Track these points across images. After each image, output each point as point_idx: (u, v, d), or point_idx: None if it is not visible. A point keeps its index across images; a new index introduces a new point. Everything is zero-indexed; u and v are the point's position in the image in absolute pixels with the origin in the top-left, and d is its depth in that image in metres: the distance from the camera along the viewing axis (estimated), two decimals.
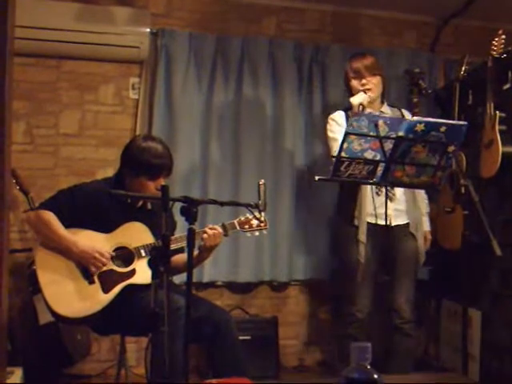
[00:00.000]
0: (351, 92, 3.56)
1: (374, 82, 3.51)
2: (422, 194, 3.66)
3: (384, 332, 3.52)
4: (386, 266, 3.51)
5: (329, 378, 4.25)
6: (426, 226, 3.68)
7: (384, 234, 3.39)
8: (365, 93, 3.46)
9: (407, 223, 3.54)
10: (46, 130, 4.21)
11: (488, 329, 3.65)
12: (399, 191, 3.52)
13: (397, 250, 3.52)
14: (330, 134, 3.55)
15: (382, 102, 3.63)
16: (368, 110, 3.44)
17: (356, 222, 3.46)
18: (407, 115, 3.60)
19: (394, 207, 3.48)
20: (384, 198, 3.42)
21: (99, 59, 4.25)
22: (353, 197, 3.47)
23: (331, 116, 3.61)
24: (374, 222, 3.46)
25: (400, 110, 3.67)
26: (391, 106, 3.69)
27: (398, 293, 3.55)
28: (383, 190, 3.44)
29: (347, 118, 3.46)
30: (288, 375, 4.31)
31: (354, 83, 3.54)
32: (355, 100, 3.42)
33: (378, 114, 3.46)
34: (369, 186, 3.39)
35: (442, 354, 4.11)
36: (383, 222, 3.42)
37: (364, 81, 3.50)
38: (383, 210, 3.41)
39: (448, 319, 4.06)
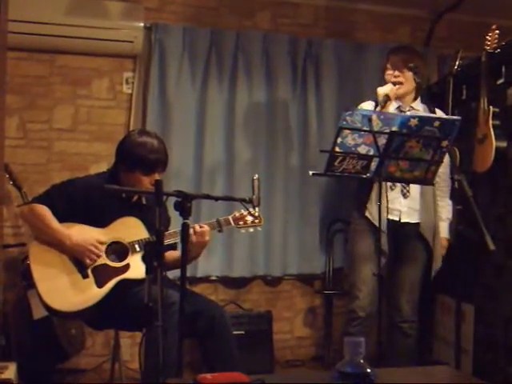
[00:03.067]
0: (385, 82, 3.49)
1: (407, 77, 3.45)
2: (445, 199, 3.58)
3: (384, 330, 3.50)
4: (392, 262, 3.50)
5: (323, 372, 4.26)
6: (444, 232, 3.59)
7: (393, 230, 3.39)
8: (394, 85, 3.40)
9: (418, 223, 3.49)
10: (39, 125, 4.20)
11: (481, 323, 3.66)
12: (415, 189, 3.45)
13: (403, 248, 3.52)
14: None
15: (415, 98, 3.55)
16: (395, 103, 3.43)
17: (367, 214, 3.43)
18: (440, 114, 3.50)
19: (407, 204, 3.46)
20: (397, 194, 3.42)
21: (93, 53, 4.23)
22: (367, 189, 3.42)
23: (360, 105, 3.49)
24: (385, 216, 3.34)
25: (433, 108, 3.58)
26: (425, 103, 3.61)
27: (399, 291, 3.55)
28: (397, 185, 3.43)
29: (376, 107, 3.39)
30: (282, 369, 4.32)
31: (388, 74, 3.48)
32: (381, 90, 3.35)
33: (407, 108, 3.46)
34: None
35: (436, 347, 4.12)
36: (394, 218, 3.42)
37: (397, 73, 3.45)
38: (395, 206, 3.41)
39: (441, 314, 4.07)
